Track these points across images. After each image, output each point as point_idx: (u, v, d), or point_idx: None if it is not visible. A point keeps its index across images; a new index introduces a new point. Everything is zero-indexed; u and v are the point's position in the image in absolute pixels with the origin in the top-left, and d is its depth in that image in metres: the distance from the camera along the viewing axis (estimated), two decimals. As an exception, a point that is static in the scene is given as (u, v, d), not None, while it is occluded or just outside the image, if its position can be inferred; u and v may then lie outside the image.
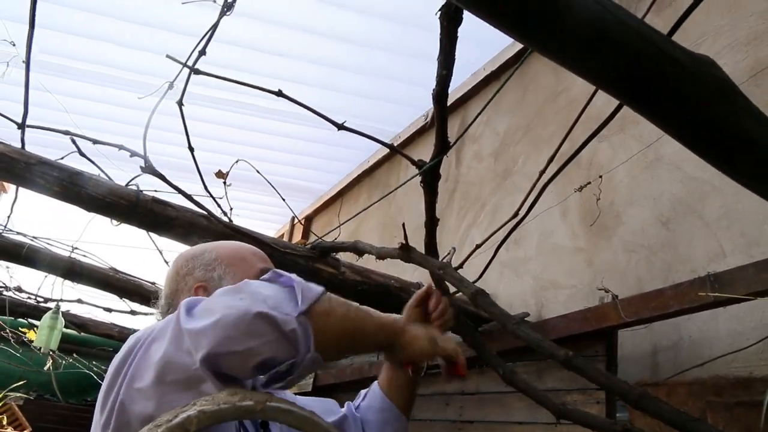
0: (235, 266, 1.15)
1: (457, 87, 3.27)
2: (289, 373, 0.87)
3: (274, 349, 0.84)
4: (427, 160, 1.29)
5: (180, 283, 1.16)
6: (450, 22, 0.96)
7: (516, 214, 1.40)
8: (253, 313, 0.83)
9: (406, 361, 1.17)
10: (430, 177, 1.33)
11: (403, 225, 1.63)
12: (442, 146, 1.24)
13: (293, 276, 0.94)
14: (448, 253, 1.97)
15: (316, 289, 0.93)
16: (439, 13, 0.96)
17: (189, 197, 1.79)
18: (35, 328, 3.54)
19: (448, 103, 3.43)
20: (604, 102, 1.81)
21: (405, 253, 1.64)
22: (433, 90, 1.12)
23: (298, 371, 0.87)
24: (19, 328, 4.18)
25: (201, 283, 1.13)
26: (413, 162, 1.33)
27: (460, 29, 1.03)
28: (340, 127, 1.44)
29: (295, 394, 1.40)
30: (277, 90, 1.46)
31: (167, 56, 1.47)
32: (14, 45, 2.34)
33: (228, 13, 1.53)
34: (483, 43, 2.90)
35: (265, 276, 0.96)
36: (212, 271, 1.14)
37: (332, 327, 0.93)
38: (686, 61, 0.83)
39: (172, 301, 1.16)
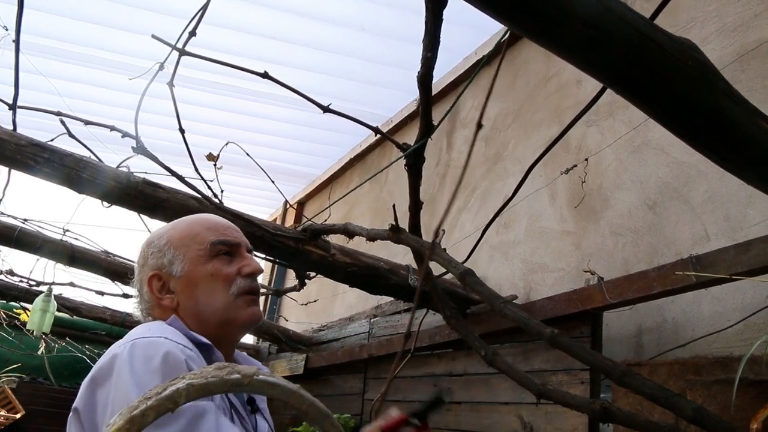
0: (184, 247, 1.14)
1: (448, 71, 3.28)
2: None
3: None
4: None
5: (141, 273, 1.16)
6: (435, 4, 0.97)
7: (509, 200, 1.42)
8: None
9: None
10: (413, 160, 1.33)
11: (393, 207, 1.65)
12: (427, 129, 1.25)
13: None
14: (438, 235, 1.99)
15: None
16: (425, -5, 0.96)
17: (180, 177, 1.79)
18: (27, 311, 3.54)
19: (440, 88, 3.43)
20: (595, 87, 1.82)
21: (395, 234, 1.66)
22: (418, 72, 1.12)
23: None
24: (13, 310, 4.18)
25: (154, 272, 1.13)
26: (398, 145, 1.33)
27: (452, 14, 1.03)
28: (326, 109, 1.44)
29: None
30: (263, 72, 1.45)
31: (152, 36, 1.45)
32: (7, 30, 2.32)
33: (217, -6, 1.52)
34: (475, 28, 2.91)
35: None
36: (163, 257, 1.14)
37: None
38: (668, 45, 0.84)
39: (140, 290, 1.17)
